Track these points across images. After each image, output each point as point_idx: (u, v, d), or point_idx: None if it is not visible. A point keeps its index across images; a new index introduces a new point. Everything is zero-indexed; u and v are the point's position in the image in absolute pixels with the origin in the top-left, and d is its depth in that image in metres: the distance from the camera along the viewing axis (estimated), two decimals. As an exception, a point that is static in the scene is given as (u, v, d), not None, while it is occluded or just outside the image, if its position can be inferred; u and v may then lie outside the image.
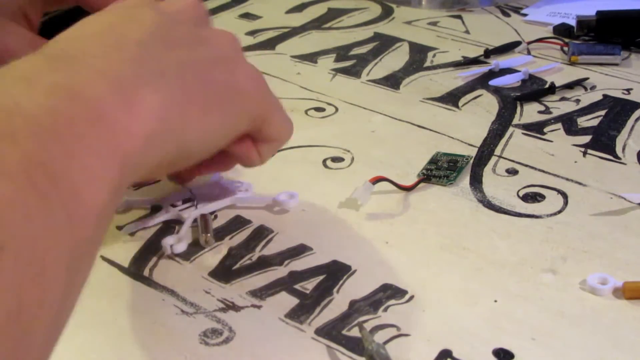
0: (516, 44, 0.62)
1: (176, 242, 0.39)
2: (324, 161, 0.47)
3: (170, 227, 0.41)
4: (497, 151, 0.48)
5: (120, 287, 0.37)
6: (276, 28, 0.67)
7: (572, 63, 0.59)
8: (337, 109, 0.53)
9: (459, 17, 0.68)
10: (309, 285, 0.37)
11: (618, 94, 0.54)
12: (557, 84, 0.55)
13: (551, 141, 0.49)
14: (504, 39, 0.63)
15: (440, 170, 0.45)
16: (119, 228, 0.41)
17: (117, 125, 0.26)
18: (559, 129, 0.50)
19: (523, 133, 0.50)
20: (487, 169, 0.46)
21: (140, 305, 0.36)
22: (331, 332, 0.34)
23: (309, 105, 0.54)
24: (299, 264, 0.39)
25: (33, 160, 0.23)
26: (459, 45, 0.63)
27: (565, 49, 0.61)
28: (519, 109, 0.53)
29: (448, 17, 0.68)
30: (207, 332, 0.34)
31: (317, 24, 0.68)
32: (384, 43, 0.64)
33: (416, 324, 0.35)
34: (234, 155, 0.36)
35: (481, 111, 0.53)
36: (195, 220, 0.41)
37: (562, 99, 0.54)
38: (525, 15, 0.68)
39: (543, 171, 0.46)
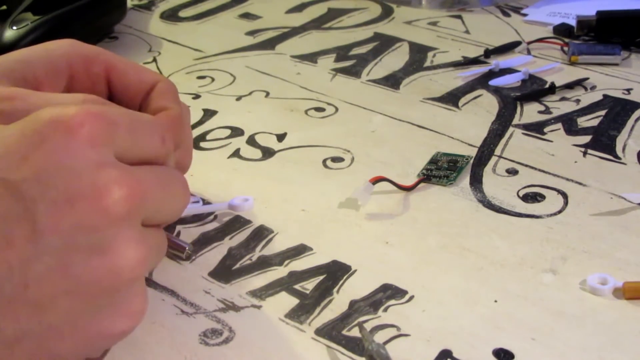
0: (516, 44, 0.62)
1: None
2: (324, 161, 0.47)
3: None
4: (497, 151, 0.48)
5: (120, 287, 0.37)
6: (276, 28, 0.67)
7: (572, 63, 0.59)
8: (337, 109, 0.53)
9: (459, 17, 0.68)
10: (309, 285, 0.37)
11: (618, 94, 0.54)
12: (557, 84, 0.55)
13: (551, 141, 0.49)
14: (504, 39, 0.63)
15: (440, 170, 0.45)
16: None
17: None
18: (559, 129, 0.50)
19: (523, 133, 0.50)
20: (487, 169, 0.46)
21: (140, 305, 0.36)
22: (331, 332, 0.34)
23: (309, 105, 0.54)
24: (299, 264, 0.39)
25: None
26: (459, 45, 0.63)
27: (565, 49, 0.61)
28: (519, 109, 0.53)
29: (448, 17, 0.68)
30: (207, 332, 0.34)
31: (317, 24, 0.68)
32: (384, 43, 0.64)
33: (416, 324, 0.35)
34: None
35: (481, 111, 0.53)
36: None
37: (562, 99, 0.54)
38: (525, 15, 0.68)
39: (543, 171, 0.46)
